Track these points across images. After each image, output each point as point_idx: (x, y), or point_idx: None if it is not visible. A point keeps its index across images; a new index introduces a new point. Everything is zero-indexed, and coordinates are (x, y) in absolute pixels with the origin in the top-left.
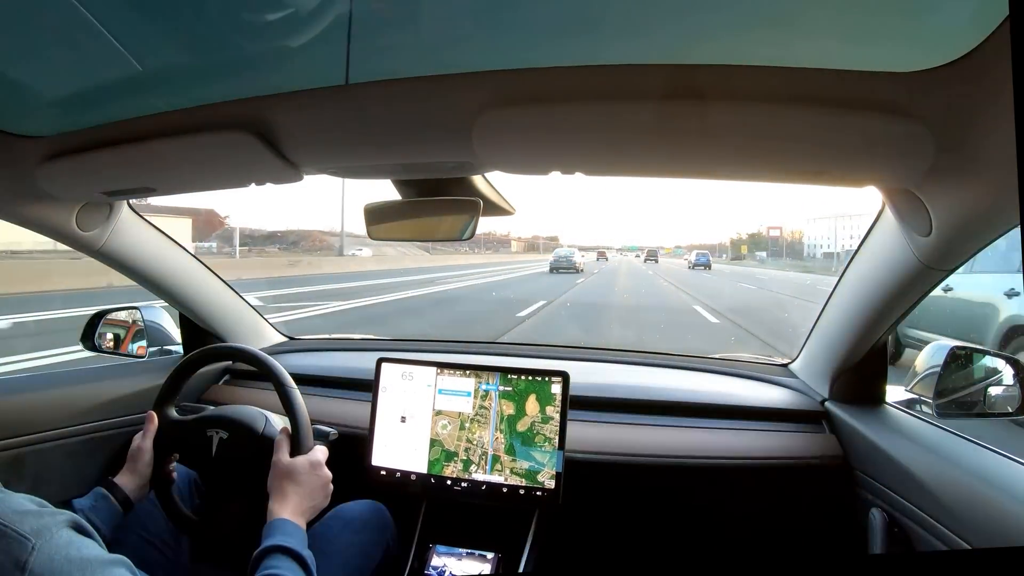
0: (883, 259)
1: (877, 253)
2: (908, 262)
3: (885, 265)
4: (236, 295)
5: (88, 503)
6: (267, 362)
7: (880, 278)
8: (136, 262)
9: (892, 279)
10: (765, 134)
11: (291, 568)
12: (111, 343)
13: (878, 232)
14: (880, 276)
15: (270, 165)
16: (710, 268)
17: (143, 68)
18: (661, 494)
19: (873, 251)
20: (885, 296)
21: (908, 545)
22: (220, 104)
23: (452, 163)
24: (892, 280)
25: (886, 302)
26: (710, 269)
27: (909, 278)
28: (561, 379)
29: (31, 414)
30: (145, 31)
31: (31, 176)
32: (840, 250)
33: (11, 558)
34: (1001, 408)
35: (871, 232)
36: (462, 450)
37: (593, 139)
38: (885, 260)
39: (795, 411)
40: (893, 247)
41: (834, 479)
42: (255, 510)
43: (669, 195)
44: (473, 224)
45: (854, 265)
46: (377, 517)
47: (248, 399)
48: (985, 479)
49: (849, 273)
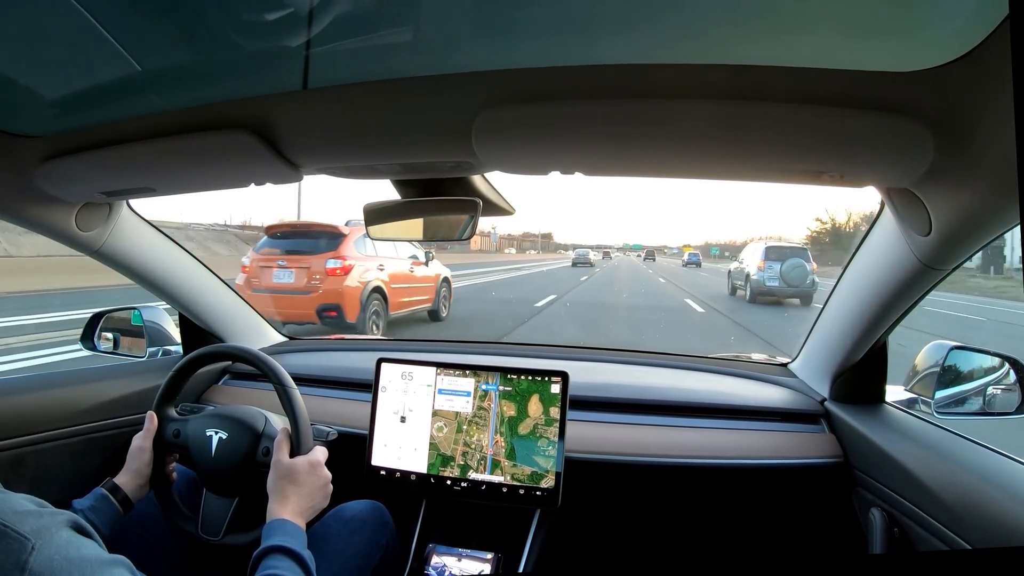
0: (882, 259)
1: (876, 253)
2: (907, 262)
3: (884, 265)
4: (236, 295)
5: (88, 503)
6: (267, 362)
7: (880, 278)
8: (136, 262)
9: (891, 279)
10: (764, 134)
11: (291, 568)
12: (111, 343)
13: (877, 232)
14: (880, 276)
15: (270, 165)
16: (700, 266)
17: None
18: (661, 494)
19: (872, 251)
20: (885, 296)
21: (908, 545)
22: (220, 104)
23: (451, 163)
24: (891, 280)
25: (886, 302)
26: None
27: (909, 278)
28: (561, 379)
29: (31, 414)
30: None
31: (30, 176)
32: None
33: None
34: (1001, 408)
35: (871, 232)
36: (459, 454)
37: (593, 139)
38: (884, 260)
39: (795, 411)
40: (892, 247)
41: (834, 479)
42: (254, 510)
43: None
44: (473, 224)
45: (854, 265)
46: (377, 517)
47: (248, 399)
48: (985, 479)
49: (849, 273)
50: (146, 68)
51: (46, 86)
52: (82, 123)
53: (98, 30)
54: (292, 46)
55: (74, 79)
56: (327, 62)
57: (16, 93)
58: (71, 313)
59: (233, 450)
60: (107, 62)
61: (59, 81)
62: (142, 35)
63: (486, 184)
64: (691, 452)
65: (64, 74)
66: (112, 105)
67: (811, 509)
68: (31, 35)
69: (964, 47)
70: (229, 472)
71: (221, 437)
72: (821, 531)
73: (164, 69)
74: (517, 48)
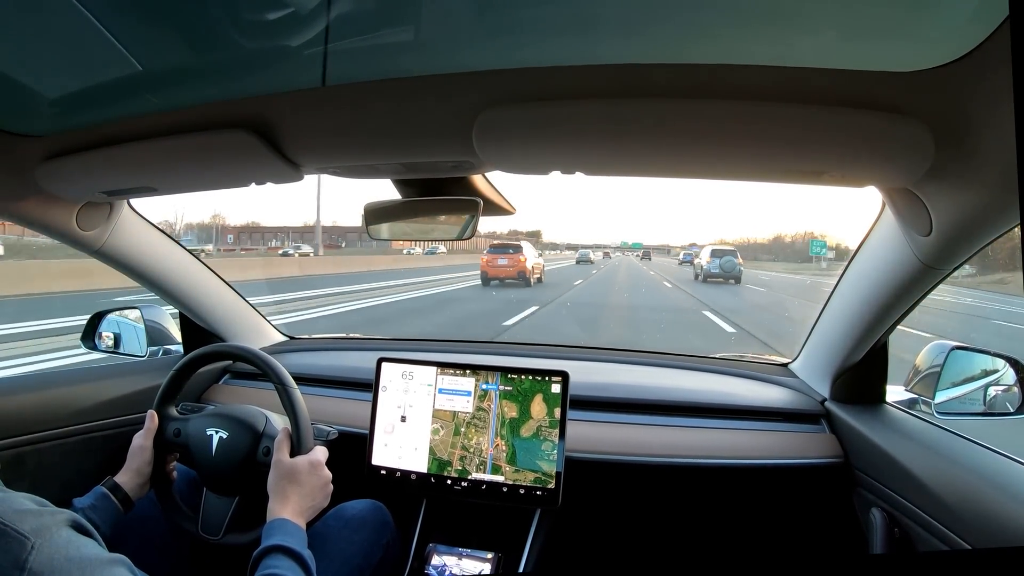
0: (883, 259)
1: (877, 253)
2: (908, 262)
3: (885, 265)
4: (236, 294)
5: (88, 502)
6: (267, 362)
7: (880, 278)
8: (136, 262)
9: (892, 279)
10: (765, 134)
11: (291, 568)
12: (111, 343)
13: (878, 232)
14: (880, 276)
15: (270, 164)
16: (693, 264)
17: (143, 68)
18: (661, 494)
19: (873, 251)
20: (885, 296)
21: (908, 545)
22: (220, 103)
23: (452, 163)
24: (892, 280)
25: (886, 302)
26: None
27: (909, 278)
28: (561, 379)
29: (31, 414)
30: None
31: (31, 175)
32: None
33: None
34: (1001, 408)
35: (871, 232)
36: (456, 459)
37: (593, 139)
38: (885, 260)
39: (795, 411)
40: (893, 247)
41: (834, 479)
42: (255, 510)
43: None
44: (473, 223)
45: (854, 265)
46: (377, 517)
47: (248, 399)
48: (985, 479)
49: (849, 273)
50: (147, 68)
51: (47, 86)
52: (82, 123)
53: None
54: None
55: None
56: (328, 62)
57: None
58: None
59: (233, 449)
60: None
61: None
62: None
63: (486, 184)
64: (691, 452)
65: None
66: (112, 105)
67: (811, 509)
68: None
69: (964, 47)
70: (229, 471)
71: (222, 436)
72: (821, 531)
73: (165, 69)
74: (518, 48)
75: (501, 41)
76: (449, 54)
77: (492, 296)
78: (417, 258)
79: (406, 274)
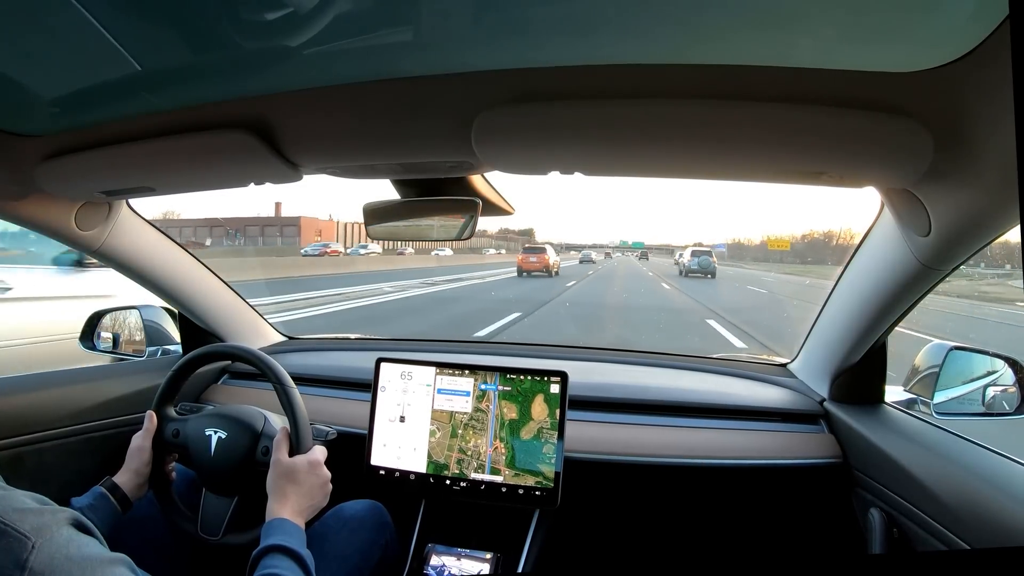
0: (882, 259)
1: (876, 253)
2: (907, 262)
3: (884, 265)
4: (235, 294)
5: (87, 502)
6: (266, 362)
7: (879, 278)
8: (135, 262)
9: (891, 279)
10: (763, 134)
11: (290, 567)
12: (110, 343)
13: (877, 232)
14: (879, 276)
15: (270, 165)
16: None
17: (143, 68)
18: (660, 494)
19: (872, 251)
20: (884, 296)
21: (907, 545)
22: (220, 104)
23: (451, 163)
24: (891, 280)
25: (885, 302)
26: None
27: (908, 278)
28: (560, 379)
29: (31, 414)
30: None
31: (30, 175)
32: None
33: (11, 556)
34: (1000, 408)
35: (870, 232)
36: (453, 461)
37: (592, 139)
38: (884, 260)
39: (794, 411)
40: (892, 247)
41: (833, 479)
42: (254, 509)
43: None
44: (472, 224)
45: (853, 265)
46: (376, 517)
47: (247, 399)
48: (985, 479)
49: (848, 273)
50: (146, 68)
51: (46, 85)
52: (81, 122)
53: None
54: (292, 46)
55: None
56: (327, 62)
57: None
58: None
59: (232, 449)
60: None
61: (59, 80)
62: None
63: (485, 184)
64: (690, 452)
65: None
66: (111, 105)
67: (810, 509)
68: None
69: (964, 47)
70: (228, 471)
71: (220, 436)
72: (820, 531)
73: (164, 69)
74: (517, 48)
75: (500, 42)
76: (448, 54)
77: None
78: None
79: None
